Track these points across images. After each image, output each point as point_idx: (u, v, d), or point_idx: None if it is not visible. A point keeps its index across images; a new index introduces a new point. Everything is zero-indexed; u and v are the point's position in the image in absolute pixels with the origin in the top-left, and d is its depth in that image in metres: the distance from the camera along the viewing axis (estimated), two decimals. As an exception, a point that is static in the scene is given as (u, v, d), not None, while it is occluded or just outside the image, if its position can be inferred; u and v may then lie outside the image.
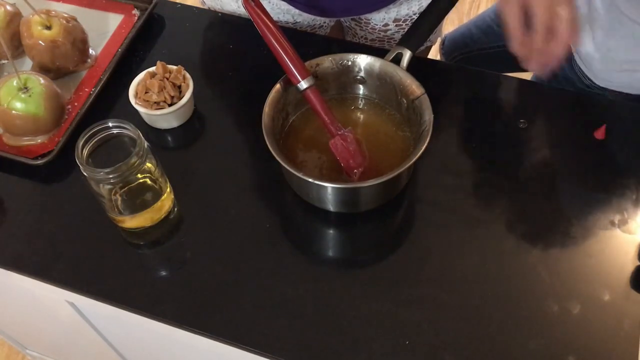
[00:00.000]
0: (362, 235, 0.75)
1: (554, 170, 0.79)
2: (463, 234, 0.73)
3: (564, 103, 0.86)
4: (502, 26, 1.34)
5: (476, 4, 2.25)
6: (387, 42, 1.03)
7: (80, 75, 0.86)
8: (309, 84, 0.72)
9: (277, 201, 0.77)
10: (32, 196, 0.77)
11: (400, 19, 0.97)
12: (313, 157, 0.76)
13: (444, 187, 0.77)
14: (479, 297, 0.68)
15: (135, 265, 0.72)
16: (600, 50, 0.96)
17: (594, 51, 0.97)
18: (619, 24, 0.92)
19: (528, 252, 0.71)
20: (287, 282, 0.70)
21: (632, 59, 0.94)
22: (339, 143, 0.72)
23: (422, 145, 0.67)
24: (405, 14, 0.96)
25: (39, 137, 0.79)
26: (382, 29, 0.99)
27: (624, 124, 0.81)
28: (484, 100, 0.85)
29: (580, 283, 0.69)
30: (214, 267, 0.71)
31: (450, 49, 1.43)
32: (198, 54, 0.90)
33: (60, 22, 0.82)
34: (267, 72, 0.76)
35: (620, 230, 0.73)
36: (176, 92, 0.79)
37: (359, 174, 0.73)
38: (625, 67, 0.95)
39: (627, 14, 0.90)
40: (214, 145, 0.81)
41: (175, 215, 0.75)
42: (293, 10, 0.92)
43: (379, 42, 1.03)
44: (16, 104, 0.75)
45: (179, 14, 0.95)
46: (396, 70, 0.75)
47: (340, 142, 0.72)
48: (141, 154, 0.66)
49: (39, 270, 0.72)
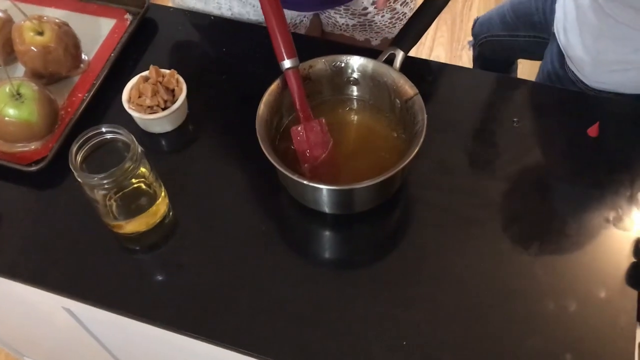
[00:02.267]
0: (358, 237, 0.75)
1: (548, 168, 0.79)
2: (459, 233, 0.73)
3: (556, 101, 0.86)
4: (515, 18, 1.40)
5: (469, 4, 2.25)
6: (368, 26, 1.02)
7: (73, 81, 0.86)
8: (293, 65, 0.72)
9: (272, 204, 0.77)
10: (26, 203, 0.77)
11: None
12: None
13: (439, 187, 0.77)
14: (475, 296, 0.68)
15: (131, 270, 0.72)
16: (590, 53, 0.97)
17: (584, 54, 0.98)
18: (606, 26, 0.92)
19: (524, 250, 0.71)
20: (284, 284, 0.70)
21: (621, 60, 0.94)
22: (301, 131, 0.73)
23: (416, 145, 0.67)
24: None
25: (33, 143, 0.79)
26: (361, 12, 0.99)
27: (617, 121, 0.82)
28: (477, 100, 0.85)
29: (576, 281, 0.69)
30: (210, 270, 0.71)
31: (478, 32, 1.50)
32: (191, 58, 0.90)
33: (52, 28, 0.82)
34: (261, 75, 0.76)
35: (615, 227, 0.73)
36: (169, 96, 0.78)
37: (308, 168, 0.73)
38: (615, 67, 0.95)
39: (612, 16, 0.90)
40: (208, 149, 0.81)
41: (170, 219, 0.75)
42: None
43: (360, 27, 1.02)
44: (9, 111, 0.75)
45: (171, 18, 0.95)
46: (389, 71, 0.75)
47: (303, 130, 0.73)
48: (135, 158, 0.66)
49: (34, 277, 0.71)
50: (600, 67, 0.97)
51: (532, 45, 1.32)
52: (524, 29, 1.32)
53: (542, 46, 1.27)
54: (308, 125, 0.73)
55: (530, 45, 1.33)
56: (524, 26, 1.31)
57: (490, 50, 1.48)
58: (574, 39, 1.00)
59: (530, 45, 1.33)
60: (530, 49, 1.35)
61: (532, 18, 1.27)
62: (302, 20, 0.99)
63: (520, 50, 1.44)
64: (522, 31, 1.33)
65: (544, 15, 1.22)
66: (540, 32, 1.27)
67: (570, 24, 1.00)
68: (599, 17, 0.93)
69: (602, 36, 0.94)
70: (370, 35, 1.04)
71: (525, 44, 1.34)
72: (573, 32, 1.00)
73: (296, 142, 0.73)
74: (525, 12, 1.30)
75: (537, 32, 1.29)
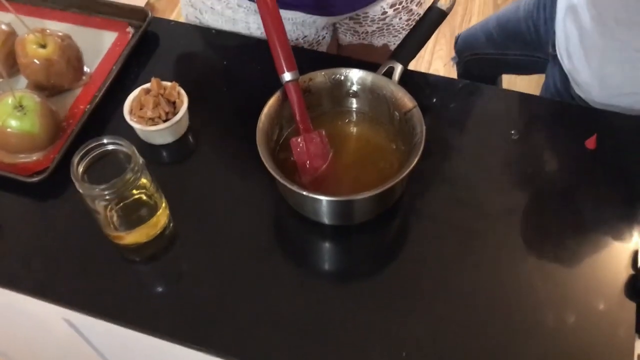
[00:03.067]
0: (357, 248, 0.75)
1: (546, 180, 0.79)
2: (458, 245, 0.73)
3: (554, 113, 0.87)
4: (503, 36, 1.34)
5: (467, 17, 2.27)
6: (387, 30, 1.03)
7: (75, 93, 0.86)
8: (293, 77, 0.73)
9: (272, 215, 0.77)
10: (28, 213, 0.78)
11: (396, 2, 0.98)
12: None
13: (438, 198, 0.77)
14: (474, 307, 0.69)
15: (131, 281, 0.72)
16: (597, 77, 0.96)
17: (591, 79, 0.97)
18: (614, 49, 0.92)
19: (523, 262, 0.72)
20: (283, 295, 0.70)
21: (630, 83, 0.93)
22: (300, 143, 0.73)
23: (415, 157, 0.68)
24: None
25: (34, 154, 0.79)
26: (380, 17, 1.00)
27: (614, 133, 0.82)
28: (475, 112, 0.86)
29: (575, 292, 0.69)
30: (210, 281, 0.71)
31: (462, 48, 1.46)
32: (192, 70, 0.91)
33: (55, 41, 0.83)
34: (261, 87, 0.77)
35: (613, 239, 0.73)
36: (171, 108, 0.79)
37: (308, 179, 0.74)
38: (624, 91, 0.95)
39: (620, 39, 0.90)
40: (209, 160, 0.82)
41: (170, 230, 0.75)
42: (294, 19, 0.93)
43: (378, 32, 1.04)
44: (11, 122, 0.76)
45: (173, 31, 0.96)
46: (388, 83, 0.76)
47: (302, 142, 0.73)
48: (136, 169, 0.66)
49: (34, 288, 0.72)
50: (608, 90, 0.96)
51: (524, 62, 1.29)
52: (514, 47, 1.29)
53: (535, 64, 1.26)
54: (308, 136, 0.74)
55: (521, 63, 1.30)
56: (515, 44, 1.28)
57: (477, 67, 1.45)
58: (579, 64, 0.99)
59: (521, 63, 1.30)
60: (520, 66, 1.33)
61: (523, 37, 1.24)
62: (324, 37, 1.01)
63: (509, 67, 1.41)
64: (512, 49, 1.30)
65: (537, 34, 1.20)
66: (533, 51, 1.24)
67: (574, 48, 0.99)
68: (605, 40, 0.93)
69: (609, 60, 0.94)
70: (389, 40, 1.05)
71: (515, 61, 1.31)
72: (578, 57, 0.99)
73: (296, 153, 0.74)
74: (514, 30, 1.26)
75: (529, 51, 1.25)
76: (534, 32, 1.21)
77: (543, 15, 1.17)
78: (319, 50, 1.02)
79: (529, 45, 1.24)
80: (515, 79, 1.95)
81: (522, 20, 1.23)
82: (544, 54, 1.18)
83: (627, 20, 0.89)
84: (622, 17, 0.90)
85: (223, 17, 0.95)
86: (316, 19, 0.94)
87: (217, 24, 0.96)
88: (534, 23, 1.20)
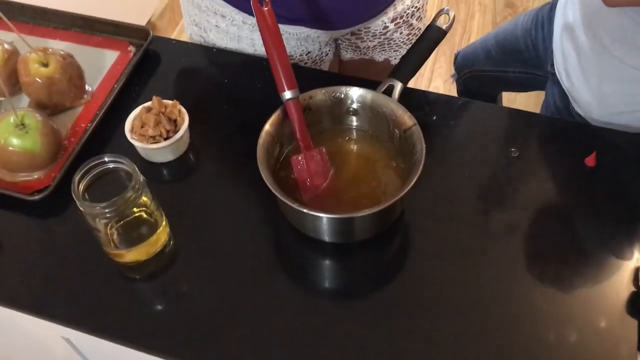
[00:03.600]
0: (357, 265, 0.75)
1: (546, 197, 0.79)
2: (458, 262, 0.73)
3: (553, 131, 0.87)
4: (502, 53, 1.33)
5: (467, 36, 2.29)
6: (388, 45, 1.05)
7: (77, 111, 0.87)
8: (293, 95, 0.73)
9: (272, 232, 0.77)
10: (28, 231, 0.78)
11: (397, 16, 0.99)
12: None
13: (438, 216, 0.77)
14: (475, 325, 0.68)
15: (131, 300, 0.72)
16: (596, 96, 0.96)
17: (591, 97, 0.97)
18: (612, 67, 0.92)
19: (523, 279, 0.72)
20: (284, 313, 0.70)
21: (629, 101, 0.94)
22: (301, 160, 0.74)
23: (415, 174, 0.68)
24: (401, 9, 0.99)
25: (36, 172, 0.79)
26: (381, 32, 1.01)
27: (614, 151, 0.83)
28: (475, 130, 0.86)
29: (576, 310, 0.69)
30: (210, 299, 0.71)
31: (461, 66, 1.46)
32: (193, 89, 0.91)
33: (57, 60, 0.83)
34: (262, 105, 0.77)
35: (614, 256, 0.73)
36: (172, 126, 0.80)
37: (308, 197, 0.74)
38: (623, 109, 0.95)
39: (618, 57, 0.91)
40: (209, 178, 0.82)
41: (170, 248, 0.75)
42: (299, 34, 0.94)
43: (379, 47, 1.05)
44: (13, 141, 0.76)
45: (174, 49, 0.96)
46: (388, 101, 0.76)
47: (303, 160, 0.74)
48: (137, 187, 0.66)
49: (34, 306, 0.71)
50: (607, 109, 0.96)
51: (523, 80, 1.29)
52: (513, 65, 1.29)
53: (534, 81, 1.26)
54: (308, 154, 0.74)
55: (521, 80, 1.30)
56: (513, 62, 1.28)
57: (476, 84, 1.45)
58: (578, 82, 0.99)
59: (521, 80, 1.30)
60: (519, 83, 1.33)
61: (521, 55, 1.24)
62: (326, 53, 1.02)
63: (508, 85, 1.41)
64: (511, 67, 1.30)
65: (536, 52, 1.20)
66: (532, 69, 1.24)
67: (573, 67, 1.00)
68: (603, 59, 0.93)
69: (608, 79, 0.94)
70: (390, 54, 1.06)
71: (514, 79, 1.31)
72: (576, 76, 0.99)
73: (297, 171, 0.74)
74: (513, 48, 1.26)
75: (528, 69, 1.26)
76: (532, 50, 1.21)
77: (541, 33, 1.18)
78: (321, 66, 1.03)
79: (528, 63, 1.25)
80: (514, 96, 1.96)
81: (520, 38, 1.24)
82: (542, 71, 1.18)
83: (623, 40, 0.90)
84: (618, 37, 0.90)
85: (228, 35, 0.95)
86: (320, 34, 0.95)
87: (222, 42, 0.96)
88: (532, 41, 1.21)
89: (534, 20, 1.20)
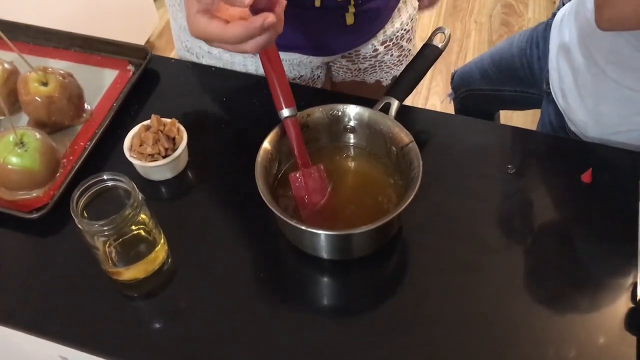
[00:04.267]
0: (356, 282, 0.75)
1: (542, 213, 0.80)
2: (457, 278, 0.73)
3: (549, 148, 0.88)
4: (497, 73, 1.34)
5: (463, 54, 2.31)
6: (379, 66, 1.06)
7: (76, 130, 0.87)
8: (291, 113, 0.73)
9: (270, 250, 0.77)
10: (26, 249, 0.78)
11: (387, 40, 1.01)
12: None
13: (436, 232, 0.77)
14: (474, 342, 0.68)
15: (129, 318, 0.72)
16: (592, 116, 0.97)
17: (587, 118, 0.98)
18: (608, 89, 0.93)
19: (522, 295, 0.72)
20: (282, 331, 0.70)
21: (625, 122, 0.94)
22: (299, 178, 0.74)
23: (412, 191, 0.69)
24: (390, 33, 1.00)
25: (34, 191, 0.80)
26: (372, 55, 1.03)
27: (609, 167, 0.83)
28: (471, 147, 0.87)
29: (575, 326, 0.69)
30: (209, 317, 0.71)
31: (458, 85, 1.47)
32: (192, 107, 0.92)
33: (56, 79, 0.84)
34: (260, 123, 0.78)
35: (611, 272, 0.73)
36: (170, 144, 0.80)
37: (306, 214, 0.74)
38: (619, 129, 0.96)
39: (614, 78, 0.91)
40: (208, 196, 0.82)
41: (169, 266, 0.75)
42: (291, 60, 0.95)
43: (370, 69, 1.06)
44: (12, 159, 0.77)
45: (173, 68, 0.97)
46: (385, 119, 0.77)
47: (301, 177, 0.74)
48: (135, 205, 0.66)
49: (32, 325, 0.71)
50: (603, 128, 0.97)
51: (519, 98, 1.30)
52: (509, 84, 1.30)
53: (530, 99, 1.27)
54: (306, 171, 0.74)
55: (516, 99, 1.31)
56: (509, 81, 1.30)
57: (473, 103, 1.46)
58: (574, 103, 1.00)
59: (516, 99, 1.31)
60: (515, 102, 1.34)
61: (517, 73, 1.26)
62: (318, 76, 1.03)
63: (505, 103, 1.42)
64: (507, 86, 1.31)
65: (531, 71, 1.21)
66: (527, 88, 1.25)
67: (568, 87, 1.01)
68: (599, 80, 0.94)
69: (604, 99, 0.95)
70: (381, 76, 1.07)
71: (510, 98, 1.33)
72: (572, 96, 1.00)
73: (295, 188, 0.75)
74: (508, 67, 1.28)
75: (523, 87, 1.27)
76: (528, 69, 1.22)
77: (536, 52, 1.19)
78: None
79: (523, 82, 1.26)
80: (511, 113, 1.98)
81: (515, 57, 1.25)
82: (538, 90, 1.19)
83: (619, 62, 0.90)
84: (614, 59, 0.91)
85: (221, 61, 0.97)
86: (312, 59, 0.96)
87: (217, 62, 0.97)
88: (528, 60, 1.22)
89: (529, 39, 1.21)
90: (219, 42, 0.60)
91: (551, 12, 1.53)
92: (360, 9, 0.88)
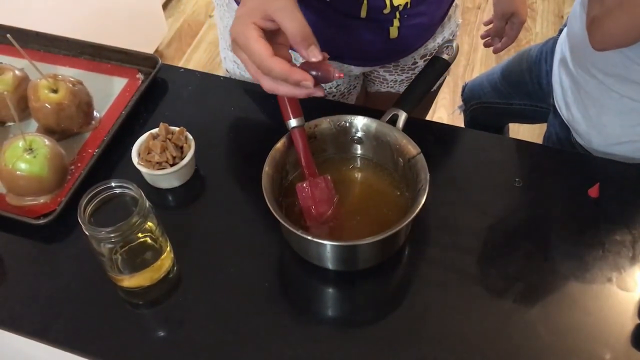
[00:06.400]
0: (361, 294, 0.75)
1: (550, 228, 0.79)
2: (462, 292, 0.73)
3: (557, 162, 0.87)
4: (508, 86, 1.36)
5: (470, 68, 2.31)
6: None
7: (85, 137, 0.88)
8: (298, 123, 0.73)
9: (276, 260, 0.77)
10: (33, 255, 0.78)
11: (427, 53, 1.00)
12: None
13: (442, 245, 0.77)
14: (478, 355, 0.68)
15: (134, 325, 0.72)
16: (595, 127, 0.97)
17: (590, 129, 0.98)
18: (610, 99, 0.93)
19: (527, 310, 0.71)
20: (286, 342, 0.70)
21: (629, 132, 0.95)
22: (306, 188, 0.74)
23: (419, 203, 0.69)
24: (431, 47, 1.00)
25: (42, 197, 0.80)
26: (410, 67, 1.03)
27: (617, 182, 0.83)
28: (479, 160, 0.87)
29: (580, 342, 0.69)
30: (213, 326, 0.71)
31: (468, 97, 1.48)
32: (200, 116, 0.92)
33: (66, 86, 0.85)
34: (267, 133, 0.78)
35: (617, 288, 0.73)
36: (178, 153, 0.80)
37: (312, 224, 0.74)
38: (623, 139, 0.96)
39: (615, 90, 0.92)
40: (214, 205, 0.82)
41: (174, 274, 0.75)
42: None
43: (407, 81, 1.06)
44: (21, 165, 0.77)
45: (182, 77, 0.98)
46: (392, 131, 0.77)
47: (308, 187, 0.74)
48: (142, 213, 0.67)
49: (36, 331, 0.71)
50: (607, 139, 0.97)
51: (528, 112, 1.31)
52: (518, 97, 1.31)
53: (538, 113, 1.28)
54: (313, 181, 0.75)
55: (526, 112, 1.32)
56: (519, 95, 1.31)
57: (483, 116, 1.47)
58: (577, 114, 1.00)
59: (526, 112, 1.32)
60: (524, 115, 1.35)
61: (526, 87, 1.27)
62: (355, 86, 1.02)
63: (514, 116, 1.43)
64: (516, 99, 1.32)
65: (539, 85, 1.22)
66: (536, 101, 1.26)
67: (572, 99, 1.01)
68: (601, 92, 0.94)
69: (607, 110, 0.95)
70: None
71: (519, 111, 1.33)
72: (576, 107, 1.00)
73: (301, 198, 0.75)
74: (517, 80, 1.29)
75: (533, 101, 1.28)
76: (537, 83, 1.23)
77: (544, 67, 1.19)
78: (348, 99, 1.04)
79: (532, 96, 1.26)
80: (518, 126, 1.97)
81: (525, 72, 1.26)
82: (546, 104, 1.19)
83: (615, 74, 0.91)
84: (610, 72, 0.91)
85: None
86: (352, 68, 0.96)
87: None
88: (536, 75, 1.22)
89: (539, 54, 1.22)
90: (248, 57, 0.61)
91: (558, 27, 1.54)
92: (406, 24, 0.87)
